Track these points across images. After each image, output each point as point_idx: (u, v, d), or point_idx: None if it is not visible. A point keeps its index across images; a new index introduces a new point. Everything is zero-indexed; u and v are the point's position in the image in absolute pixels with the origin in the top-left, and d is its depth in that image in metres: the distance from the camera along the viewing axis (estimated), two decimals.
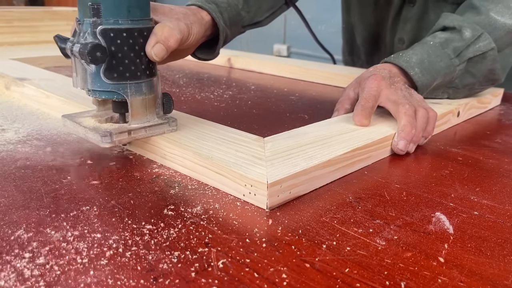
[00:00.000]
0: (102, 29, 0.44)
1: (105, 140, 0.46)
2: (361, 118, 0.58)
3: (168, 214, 0.39)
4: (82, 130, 0.48)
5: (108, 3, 0.44)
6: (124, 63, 0.46)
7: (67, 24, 1.45)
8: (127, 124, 0.49)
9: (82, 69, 0.47)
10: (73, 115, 0.51)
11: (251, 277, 0.31)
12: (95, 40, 0.44)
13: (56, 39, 0.47)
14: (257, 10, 0.76)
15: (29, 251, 0.32)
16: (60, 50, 0.47)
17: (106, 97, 0.47)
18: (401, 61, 0.65)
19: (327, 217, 0.39)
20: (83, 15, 0.45)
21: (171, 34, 0.48)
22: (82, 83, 0.47)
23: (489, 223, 0.40)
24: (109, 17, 0.44)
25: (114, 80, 0.46)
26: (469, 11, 0.70)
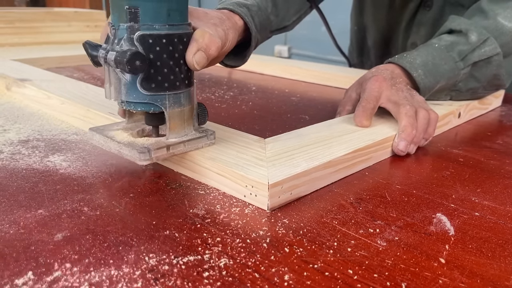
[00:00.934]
0: (140, 35, 0.41)
1: (143, 157, 0.42)
2: (361, 119, 0.58)
3: (169, 214, 0.39)
4: (115, 145, 0.44)
5: (147, 6, 0.41)
6: (163, 72, 0.42)
7: (68, 25, 1.46)
8: (164, 139, 0.45)
9: (116, 78, 0.43)
10: (101, 128, 0.47)
11: (252, 277, 0.31)
12: (132, 47, 0.41)
13: (87, 46, 0.44)
14: (285, 14, 0.74)
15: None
16: (91, 58, 0.44)
17: (142, 109, 0.44)
18: (404, 62, 0.65)
19: (328, 218, 0.39)
20: (118, 20, 0.41)
21: (212, 41, 0.45)
22: (116, 94, 0.43)
23: (490, 224, 0.40)
24: (147, 22, 0.41)
25: (151, 91, 0.42)
26: (477, 15, 0.70)
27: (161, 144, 0.44)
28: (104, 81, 0.44)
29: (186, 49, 0.43)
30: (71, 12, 1.49)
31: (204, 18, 0.48)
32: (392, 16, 0.99)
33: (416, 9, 0.93)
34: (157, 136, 0.47)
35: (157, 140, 0.45)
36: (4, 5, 2.55)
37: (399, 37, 0.99)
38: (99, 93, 0.69)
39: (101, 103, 0.62)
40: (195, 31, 0.44)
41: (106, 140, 0.45)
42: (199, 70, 0.45)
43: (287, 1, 0.74)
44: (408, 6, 0.93)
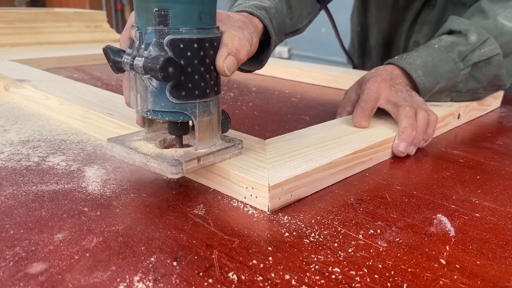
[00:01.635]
0: (170, 40, 0.38)
1: (175, 170, 0.39)
2: (360, 120, 0.58)
3: (169, 215, 0.39)
4: (140, 157, 0.41)
5: (178, 9, 0.38)
6: (194, 79, 0.40)
7: (68, 26, 1.46)
8: (192, 149, 0.43)
9: (142, 86, 0.40)
10: (120, 139, 0.44)
11: (253, 278, 0.31)
12: (161, 52, 0.38)
13: (108, 51, 0.40)
14: (299, 16, 0.73)
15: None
16: (113, 64, 0.41)
17: (170, 119, 0.41)
18: (404, 62, 0.65)
19: (328, 219, 0.39)
20: (146, 23, 0.39)
21: (242, 45, 0.43)
22: (142, 103, 0.41)
23: (491, 225, 0.40)
24: (178, 25, 0.38)
25: (181, 99, 0.40)
26: (477, 15, 0.70)
27: (192, 156, 0.41)
28: (128, 89, 0.42)
29: (216, 54, 0.41)
30: (71, 13, 1.49)
31: (228, 21, 0.46)
32: (395, 16, 0.99)
33: (420, 9, 0.93)
34: (181, 146, 0.44)
35: (186, 151, 0.42)
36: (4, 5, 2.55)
37: (402, 37, 0.99)
38: (98, 93, 0.69)
39: (100, 104, 0.62)
40: (223, 35, 0.42)
41: (129, 152, 0.42)
42: (229, 76, 0.43)
43: (301, 3, 0.73)
44: (412, 6, 0.93)
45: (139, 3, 0.39)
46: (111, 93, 0.70)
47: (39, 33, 1.38)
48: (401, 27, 0.98)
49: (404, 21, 0.97)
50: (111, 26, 1.73)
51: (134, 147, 0.43)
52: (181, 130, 0.44)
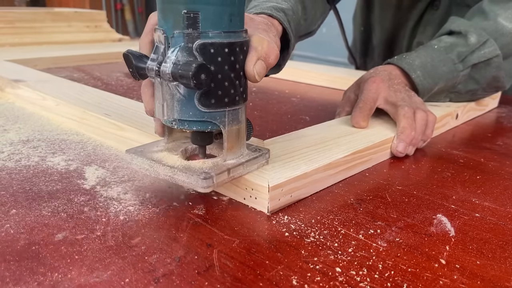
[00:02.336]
0: (201, 44, 0.36)
1: (206, 184, 0.37)
2: (358, 120, 0.58)
3: (169, 215, 0.39)
4: (166, 170, 0.39)
5: (208, 11, 0.35)
6: (224, 86, 0.37)
7: (68, 25, 1.46)
8: (220, 160, 0.40)
9: (169, 94, 0.38)
10: (139, 150, 0.42)
11: (253, 278, 0.31)
12: (190, 57, 0.36)
13: (130, 57, 0.38)
14: (313, 17, 0.71)
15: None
16: (135, 70, 0.38)
17: (198, 129, 0.39)
18: (403, 63, 0.65)
19: (328, 219, 0.39)
20: (173, 26, 0.36)
21: (272, 49, 0.40)
22: (169, 112, 0.38)
23: (491, 225, 0.40)
24: (208, 29, 0.36)
25: (211, 108, 0.37)
26: (478, 16, 0.70)
27: (222, 168, 0.39)
28: (149, 96, 0.40)
29: (245, 59, 0.39)
30: (71, 12, 1.49)
31: (252, 24, 0.44)
32: (399, 17, 0.99)
33: (424, 10, 0.92)
34: (204, 156, 0.42)
35: (214, 162, 0.40)
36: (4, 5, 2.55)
37: (405, 38, 0.99)
38: (94, 94, 0.68)
39: (97, 105, 0.62)
40: (251, 38, 0.40)
41: (153, 164, 0.40)
42: (258, 82, 0.40)
43: (315, 4, 0.72)
44: (416, 7, 0.93)
45: (165, 4, 0.36)
46: (108, 93, 0.69)
47: (39, 33, 1.38)
48: (405, 27, 0.98)
49: (407, 22, 0.97)
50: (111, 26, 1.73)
51: (157, 158, 0.40)
52: (205, 140, 0.41)
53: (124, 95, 0.83)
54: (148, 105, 0.42)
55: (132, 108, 0.61)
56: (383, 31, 1.04)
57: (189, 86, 0.36)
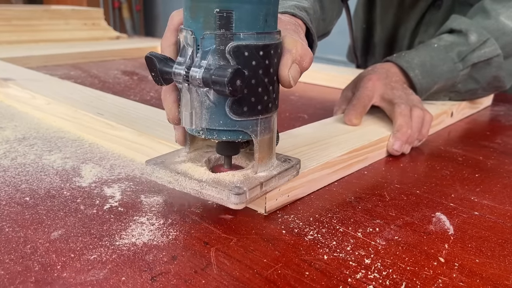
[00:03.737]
0: (234, 47, 0.33)
1: (238, 200, 0.34)
2: (351, 117, 0.57)
3: (167, 213, 0.38)
4: (192, 184, 0.36)
5: (244, 10, 0.32)
6: (257, 92, 0.34)
7: (65, 23, 1.45)
8: (251, 172, 0.37)
9: (198, 101, 0.34)
10: (160, 161, 0.39)
11: (251, 276, 0.30)
12: (222, 61, 0.33)
13: (154, 60, 0.34)
14: (331, 17, 0.69)
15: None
16: (159, 75, 0.34)
17: (228, 138, 0.36)
18: (402, 61, 0.64)
19: (327, 217, 0.39)
20: (203, 26, 0.33)
21: (306, 52, 0.37)
22: (198, 121, 0.35)
23: (490, 223, 0.39)
24: (242, 30, 0.33)
25: (243, 116, 0.34)
26: (479, 14, 0.69)
27: (254, 182, 0.36)
28: (171, 103, 0.37)
29: (278, 62, 0.36)
30: (68, 10, 1.48)
31: (280, 24, 0.41)
32: (400, 15, 0.98)
33: (426, 9, 0.92)
34: (230, 167, 0.39)
35: (245, 175, 0.37)
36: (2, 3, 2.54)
37: (406, 37, 0.99)
38: (86, 93, 0.67)
39: (89, 104, 0.61)
40: (284, 40, 0.37)
41: (177, 177, 0.37)
42: (292, 88, 0.37)
43: (332, 3, 0.70)
44: (418, 6, 0.93)
45: (195, 2, 0.33)
46: (100, 92, 0.69)
47: (36, 30, 1.38)
48: (406, 26, 0.98)
49: (409, 21, 0.97)
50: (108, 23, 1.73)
51: (182, 171, 0.37)
52: (233, 150, 0.38)
53: (122, 93, 0.83)
54: (171, 112, 0.38)
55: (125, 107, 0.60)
56: (384, 30, 1.04)
57: (223, 93, 0.32)
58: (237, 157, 0.41)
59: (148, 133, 0.49)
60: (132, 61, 1.22)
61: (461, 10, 0.84)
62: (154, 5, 4.19)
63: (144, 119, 0.54)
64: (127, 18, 3.91)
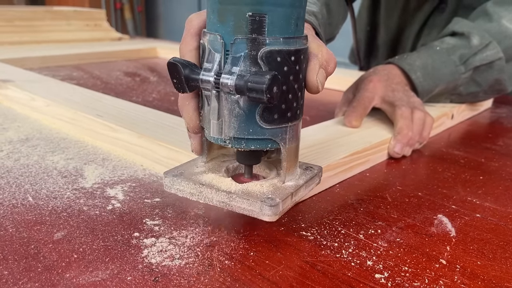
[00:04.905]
0: (267, 52, 0.31)
1: (273, 212, 0.33)
2: (351, 119, 0.57)
3: (169, 215, 0.39)
4: (221, 196, 0.34)
5: (277, 13, 0.31)
6: (287, 99, 0.33)
7: (67, 24, 1.45)
8: (278, 182, 0.36)
9: (227, 109, 0.33)
10: (179, 171, 0.37)
11: (253, 278, 0.30)
12: (253, 67, 0.31)
13: (179, 66, 0.32)
14: (337, 21, 0.69)
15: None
16: (183, 81, 0.32)
17: (256, 147, 0.34)
18: (404, 63, 0.64)
19: (328, 219, 0.39)
20: (234, 30, 0.31)
21: (331, 57, 0.36)
22: (227, 130, 0.33)
23: (492, 225, 0.39)
24: (275, 34, 0.31)
25: (273, 124, 0.33)
26: (482, 17, 0.69)
27: (285, 192, 0.34)
28: (192, 111, 0.35)
29: (306, 67, 0.35)
30: (70, 11, 1.49)
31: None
32: (404, 18, 0.98)
33: (430, 12, 0.92)
34: (251, 176, 0.38)
35: (273, 185, 0.36)
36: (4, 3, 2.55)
37: (410, 39, 0.99)
38: (86, 94, 0.67)
39: (89, 105, 0.60)
40: (309, 45, 0.36)
41: (203, 189, 0.35)
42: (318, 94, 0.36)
43: (339, 7, 0.69)
44: (422, 9, 0.93)
45: (224, 5, 0.31)
46: (99, 93, 0.69)
47: (38, 31, 1.38)
48: (410, 29, 0.98)
49: (413, 24, 0.96)
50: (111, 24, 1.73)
51: (207, 182, 0.35)
52: (255, 159, 0.37)
53: (124, 94, 0.83)
54: (192, 121, 0.36)
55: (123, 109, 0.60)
56: (388, 32, 1.04)
57: (259, 101, 0.31)
58: (256, 166, 0.40)
59: (148, 135, 0.49)
60: (134, 62, 1.23)
61: (465, 14, 0.84)
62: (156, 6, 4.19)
63: (144, 121, 0.55)
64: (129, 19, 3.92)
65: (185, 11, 3.88)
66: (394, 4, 1.00)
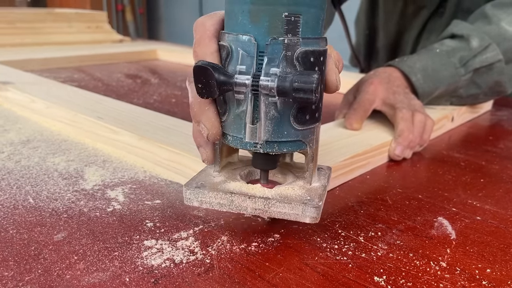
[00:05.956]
0: (303, 52, 0.31)
1: (317, 214, 0.33)
2: (352, 121, 0.57)
3: (169, 216, 0.39)
4: (258, 204, 0.33)
5: (309, 14, 0.31)
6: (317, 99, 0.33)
7: (69, 26, 1.46)
8: (305, 184, 0.36)
9: (264, 112, 0.32)
10: (199, 183, 0.35)
11: (253, 280, 0.30)
12: (288, 68, 0.31)
13: (209, 70, 0.31)
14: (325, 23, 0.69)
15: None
16: (215, 86, 0.31)
17: (289, 150, 0.34)
18: (404, 65, 0.65)
19: (329, 221, 0.39)
20: (268, 31, 0.31)
21: (339, 58, 0.37)
22: (262, 134, 0.32)
23: (492, 228, 0.39)
24: (307, 34, 0.32)
25: (305, 125, 0.33)
26: (480, 20, 0.69)
27: (319, 193, 0.35)
28: (214, 117, 0.34)
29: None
30: (72, 13, 1.49)
31: None
32: (403, 23, 0.98)
33: (428, 17, 0.92)
34: (268, 182, 0.37)
35: (302, 187, 0.36)
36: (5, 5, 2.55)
37: (409, 43, 0.99)
38: (86, 96, 0.67)
39: (89, 108, 0.60)
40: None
41: (233, 198, 0.34)
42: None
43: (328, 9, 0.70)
44: (421, 14, 0.93)
45: (258, 6, 0.31)
46: (100, 95, 0.69)
47: (40, 33, 1.38)
48: (409, 33, 0.98)
49: (412, 28, 0.97)
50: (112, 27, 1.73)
51: (237, 190, 0.34)
52: (273, 164, 0.36)
53: (125, 96, 0.83)
54: (214, 127, 0.35)
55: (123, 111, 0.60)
56: (387, 36, 1.04)
57: (307, 101, 0.30)
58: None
59: (148, 137, 0.49)
60: (135, 64, 1.23)
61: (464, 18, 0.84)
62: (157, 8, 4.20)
63: (144, 123, 0.55)
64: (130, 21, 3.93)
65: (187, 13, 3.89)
66: (392, 9, 1.00)
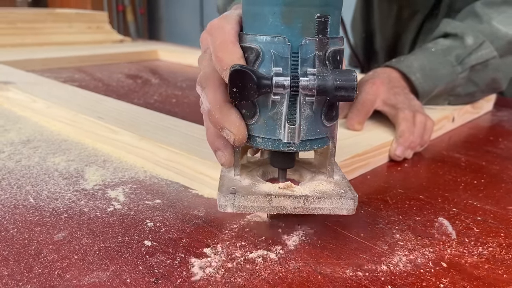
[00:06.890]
0: (332, 51, 0.33)
1: (355, 205, 0.34)
2: (353, 122, 0.57)
3: (170, 217, 0.39)
4: (295, 202, 0.34)
5: (335, 15, 0.33)
6: None
7: (69, 26, 1.46)
8: (327, 178, 0.37)
9: (301, 113, 0.33)
10: (231, 188, 0.35)
11: (253, 280, 0.30)
12: (321, 67, 0.32)
13: (249, 73, 0.31)
14: None
15: None
16: (255, 89, 0.31)
17: (318, 147, 0.35)
18: (402, 65, 0.65)
19: (329, 221, 0.39)
20: (301, 32, 0.32)
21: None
22: (301, 133, 0.33)
23: (492, 228, 0.39)
24: (333, 34, 0.33)
25: (332, 121, 0.35)
26: (471, 18, 0.69)
27: (347, 185, 0.36)
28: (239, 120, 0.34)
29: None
30: (72, 13, 1.49)
31: None
32: (399, 26, 0.99)
33: (423, 19, 0.92)
34: (285, 180, 0.37)
35: (329, 181, 0.37)
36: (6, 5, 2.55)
37: (406, 45, 0.99)
38: (86, 96, 0.67)
39: (90, 108, 0.60)
40: None
41: (272, 200, 0.34)
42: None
43: None
44: (416, 16, 0.93)
45: (291, 7, 0.32)
46: (100, 95, 0.68)
47: (40, 33, 1.38)
48: (406, 36, 0.99)
49: (409, 31, 0.97)
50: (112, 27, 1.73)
51: (273, 192, 0.34)
52: (291, 161, 0.37)
53: (125, 96, 0.83)
54: (240, 131, 0.34)
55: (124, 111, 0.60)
56: (385, 39, 1.05)
57: (348, 99, 0.31)
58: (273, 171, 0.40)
59: (149, 137, 0.49)
60: (135, 65, 1.23)
61: None
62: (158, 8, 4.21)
63: (145, 123, 0.55)
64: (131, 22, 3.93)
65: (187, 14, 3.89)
66: (387, 13, 1.00)
